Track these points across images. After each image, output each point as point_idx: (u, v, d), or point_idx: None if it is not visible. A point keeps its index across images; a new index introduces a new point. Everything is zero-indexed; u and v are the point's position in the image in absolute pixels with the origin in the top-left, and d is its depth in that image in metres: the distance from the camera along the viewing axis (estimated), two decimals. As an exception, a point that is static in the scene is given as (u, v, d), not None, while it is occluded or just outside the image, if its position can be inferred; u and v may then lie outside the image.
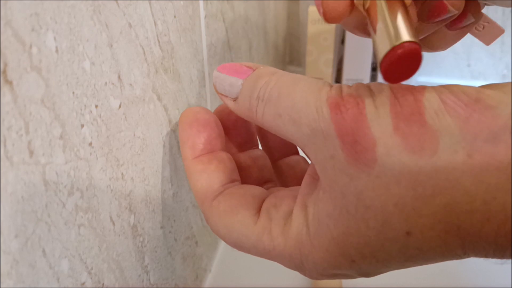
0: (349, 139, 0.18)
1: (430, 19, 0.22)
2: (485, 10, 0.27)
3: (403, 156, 0.17)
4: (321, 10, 0.22)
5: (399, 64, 0.17)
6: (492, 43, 0.30)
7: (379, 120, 0.18)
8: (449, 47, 0.28)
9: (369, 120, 0.18)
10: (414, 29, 0.18)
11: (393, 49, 0.17)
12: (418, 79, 0.71)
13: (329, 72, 0.63)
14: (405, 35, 0.17)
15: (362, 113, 0.18)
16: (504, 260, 0.18)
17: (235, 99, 0.23)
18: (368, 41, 0.61)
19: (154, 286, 0.28)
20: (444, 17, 0.22)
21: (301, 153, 0.28)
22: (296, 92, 0.20)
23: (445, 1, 0.21)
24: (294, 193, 0.23)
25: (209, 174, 0.24)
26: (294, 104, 0.20)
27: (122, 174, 0.23)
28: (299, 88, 0.20)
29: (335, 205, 0.19)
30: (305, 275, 0.22)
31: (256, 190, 0.24)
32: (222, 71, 0.24)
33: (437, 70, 0.72)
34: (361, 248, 0.19)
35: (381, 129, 0.17)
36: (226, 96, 0.23)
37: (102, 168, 0.21)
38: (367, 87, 0.19)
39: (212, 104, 0.36)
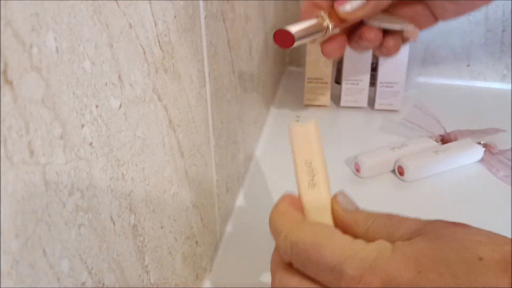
0: None
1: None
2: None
3: None
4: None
5: (278, 37, 0.35)
6: (492, 43, 0.31)
7: None
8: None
9: None
10: (305, 31, 0.36)
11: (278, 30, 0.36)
12: (418, 79, 0.71)
13: (329, 72, 0.63)
14: (289, 26, 0.36)
15: None
16: None
17: None
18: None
19: (154, 286, 0.28)
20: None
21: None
22: None
23: None
24: None
25: None
26: None
27: (123, 174, 0.23)
28: None
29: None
30: None
31: None
32: None
33: (437, 70, 0.72)
34: None
35: None
36: None
37: (102, 168, 0.21)
38: None
39: (212, 104, 0.36)
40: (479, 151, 0.53)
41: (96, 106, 0.20)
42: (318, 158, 0.29)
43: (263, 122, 0.61)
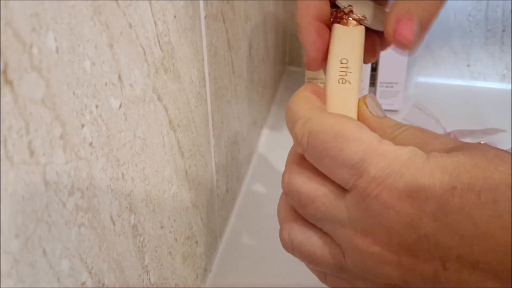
0: None
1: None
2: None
3: None
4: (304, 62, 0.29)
5: None
6: (492, 44, 0.31)
7: None
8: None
9: None
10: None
11: None
12: (418, 79, 0.71)
13: (329, 72, 0.63)
14: None
15: None
16: None
17: None
18: (368, 41, 0.61)
19: (154, 286, 0.28)
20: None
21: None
22: None
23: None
24: None
25: None
26: None
27: (123, 174, 0.23)
28: None
29: None
30: None
31: None
32: None
33: (437, 70, 0.72)
34: None
35: None
36: None
37: (102, 168, 0.21)
38: None
39: (212, 104, 0.36)
40: (479, 151, 0.53)
41: (96, 106, 0.20)
42: (356, 59, 0.27)
43: (263, 122, 0.61)
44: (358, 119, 0.25)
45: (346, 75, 0.27)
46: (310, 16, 0.29)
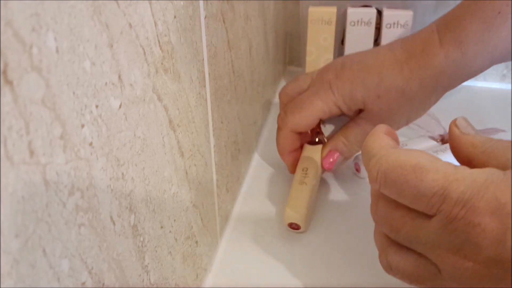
0: None
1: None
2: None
3: None
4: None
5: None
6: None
7: None
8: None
9: None
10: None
11: None
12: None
13: (329, 72, 0.63)
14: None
15: None
16: None
17: None
18: (367, 42, 0.61)
19: (154, 286, 0.28)
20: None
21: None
22: None
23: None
24: None
25: None
26: None
27: (123, 174, 0.23)
28: None
29: None
30: None
31: None
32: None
33: (437, 70, 0.72)
34: None
35: None
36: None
37: (102, 168, 0.21)
38: None
39: (212, 104, 0.36)
40: (479, 151, 0.53)
41: (96, 106, 0.20)
42: (312, 168, 0.46)
43: (263, 122, 0.61)
44: (450, 139, 0.28)
45: (305, 178, 0.43)
46: (286, 151, 0.46)
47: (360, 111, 0.43)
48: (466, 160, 0.26)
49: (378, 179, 0.25)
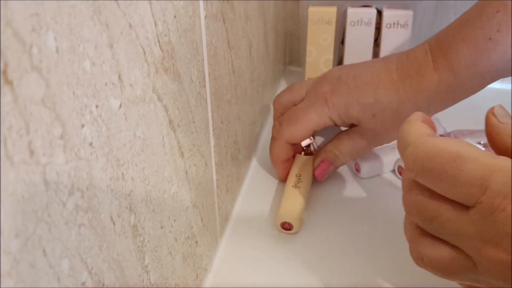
0: None
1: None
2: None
3: None
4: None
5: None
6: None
7: None
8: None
9: None
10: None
11: None
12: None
13: (329, 72, 0.63)
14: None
15: None
16: None
17: None
18: (367, 42, 0.61)
19: (154, 286, 0.28)
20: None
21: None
22: None
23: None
24: None
25: None
26: None
27: (123, 174, 0.23)
28: None
29: None
30: None
31: None
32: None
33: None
34: None
35: None
36: None
37: (102, 168, 0.21)
38: None
39: (212, 104, 0.36)
40: (479, 151, 0.53)
41: (96, 106, 0.20)
42: (305, 175, 0.49)
43: (263, 122, 0.61)
44: (487, 127, 0.27)
45: (298, 183, 0.46)
46: (280, 160, 0.48)
47: (353, 124, 0.44)
48: (504, 149, 0.25)
49: (415, 168, 0.24)
